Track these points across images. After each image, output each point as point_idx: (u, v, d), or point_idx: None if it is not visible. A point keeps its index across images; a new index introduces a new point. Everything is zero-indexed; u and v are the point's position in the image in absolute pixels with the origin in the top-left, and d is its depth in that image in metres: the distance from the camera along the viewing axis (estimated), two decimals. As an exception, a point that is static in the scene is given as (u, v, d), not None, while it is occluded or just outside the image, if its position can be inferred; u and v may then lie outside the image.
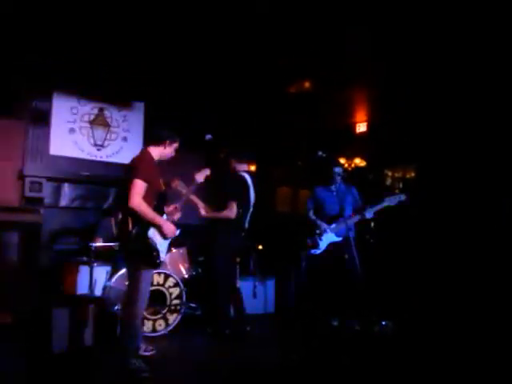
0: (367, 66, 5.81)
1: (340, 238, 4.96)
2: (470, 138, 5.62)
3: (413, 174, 7.07)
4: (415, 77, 5.76)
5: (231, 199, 4.41)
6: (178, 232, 3.57)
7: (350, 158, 7.75)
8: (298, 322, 5.18)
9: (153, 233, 3.41)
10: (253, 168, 6.95)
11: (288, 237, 6.57)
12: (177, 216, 3.83)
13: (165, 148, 3.63)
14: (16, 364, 3.45)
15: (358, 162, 7.88)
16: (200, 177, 4.08)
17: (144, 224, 3.37)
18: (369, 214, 4.83)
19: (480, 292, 4.97)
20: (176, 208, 3.86)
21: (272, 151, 7.61)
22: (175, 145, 3.70)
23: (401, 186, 7.21)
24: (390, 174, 7.49)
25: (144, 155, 3.57)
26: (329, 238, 5.02)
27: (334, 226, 5.00)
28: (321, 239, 5.03)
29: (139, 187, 3.30)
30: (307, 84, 6.40)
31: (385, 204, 4.84)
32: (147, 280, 3.49)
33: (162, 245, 3.48)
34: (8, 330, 4.14)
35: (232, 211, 4.39)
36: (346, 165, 7.82)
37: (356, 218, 4.94)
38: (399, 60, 5.48)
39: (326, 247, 5.02)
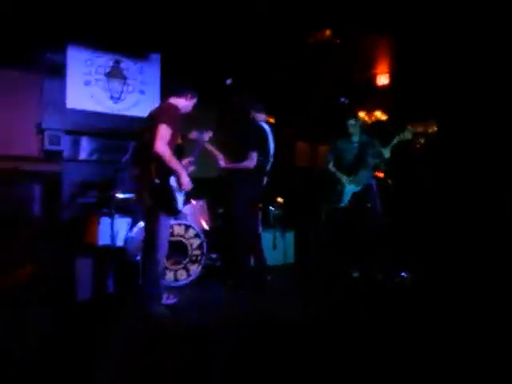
0: (390, 15, 5.58)
1: (360, 187, 4.96)
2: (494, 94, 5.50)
3: (435, 129, 6.93)
4: (442, 28, 5.54)
5: (252, 149, 4.31)
6: (191, 186, 3.56)
7: (370, 110, 7.60)
8: (318, 274, 5.17)
9: (173, 182, 3.42)
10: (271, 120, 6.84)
11: (308, 190, 6.53)
12: (190, 169, 3.83)
13: (186, 100, 3.67)
14: (42, 313, 3.51)
15: (379, 115, 7.72)
16: (205, 137, 4.09)
17: (165, 172, 3.36)
18: (386, 152, 4.76)
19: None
20: (189, 162, 3.86)
21: (290, 104, 7.44)
22: (194, 100, 3.74)
23: (422, 141, 7.09)
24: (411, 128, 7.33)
25: (168, 104, 3.59)
26: (350, 189, 5.01)
27: (353, 176, 4.98)
28: (343, 193, 5.02)
29: (164, 132, 3.30)
30: (328, 33, 6.16)
31: (397, 139, 4.77)
32: (167, 227, 3.52)
33: (179, 195, 3.49)
34: (31, 282, 4.21)
35: (252, 162, 4.30)
36: (367, 118, 7.67)
37: (372, 162, 4.90)
38: (424, 10, 5.25)
39: (350, 199, 5.01)
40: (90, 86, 5.60)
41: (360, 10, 5.50)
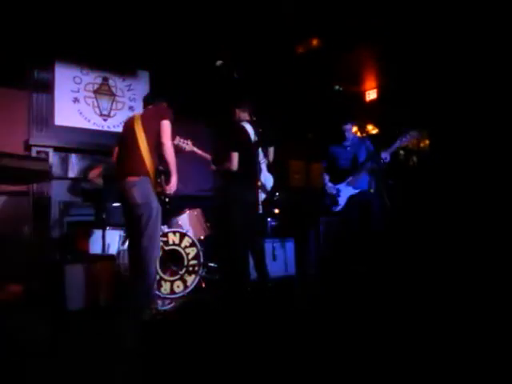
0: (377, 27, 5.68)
1: (357, 190, 4.85)
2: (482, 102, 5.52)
3: (427, 143, 6.92)
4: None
5: (231, 150, 4.04)
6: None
7: (361, 125, 7.56)
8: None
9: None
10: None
11: (304, 203, 6.39)
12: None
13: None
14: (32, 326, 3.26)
15: (371, 128, 7.70)
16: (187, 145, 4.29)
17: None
18: (385, 156, 4.61)
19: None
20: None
21: (281, 124, 7.37)
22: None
23: (414, 159, 7.08)
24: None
25: (162, 106, 3.72)
26: (347, 192, 4.89)
27: (350, 179, 4.89)
28: (339, 195, 4.91)
29: (169, 128, 3.40)
30: (315, 43, 6.19)
31: (398, 143, 4.67)
32: (158, 227, 3.44)
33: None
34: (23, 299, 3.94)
35: (232, 163, 4.02)
36: (358, 133, 7.64)
37: (369, 165, 4.77)
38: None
39: (347, 202, 4.89)
40: (79, 103, 5.51)
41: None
